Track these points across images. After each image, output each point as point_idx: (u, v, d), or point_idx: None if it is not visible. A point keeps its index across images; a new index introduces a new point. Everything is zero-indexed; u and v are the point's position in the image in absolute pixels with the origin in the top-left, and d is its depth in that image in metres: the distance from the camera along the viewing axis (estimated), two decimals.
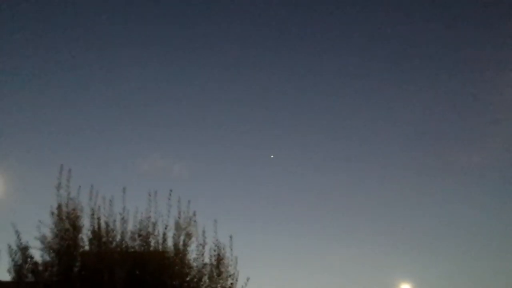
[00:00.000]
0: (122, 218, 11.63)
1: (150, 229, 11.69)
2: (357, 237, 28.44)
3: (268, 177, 30.28)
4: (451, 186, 29.24)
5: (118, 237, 11.60)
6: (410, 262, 26.40)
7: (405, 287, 27.09)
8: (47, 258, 11.13)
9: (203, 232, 11.85)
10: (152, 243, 11.70)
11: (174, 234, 11.77)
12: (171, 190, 11.93)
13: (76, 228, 11.34)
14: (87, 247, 11.51)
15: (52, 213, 11.31)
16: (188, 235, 11.80)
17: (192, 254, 11.79)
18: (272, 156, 28.81)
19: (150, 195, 11.80)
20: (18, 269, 10.92)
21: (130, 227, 11.69)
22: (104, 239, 11.46)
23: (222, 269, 11.78)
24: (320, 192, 30.10)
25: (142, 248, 11.63)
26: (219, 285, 11.75)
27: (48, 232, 11.21)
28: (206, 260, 11.83)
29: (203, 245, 11.79)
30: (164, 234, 11.76)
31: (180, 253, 11.67)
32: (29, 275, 10.97)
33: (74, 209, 11.45)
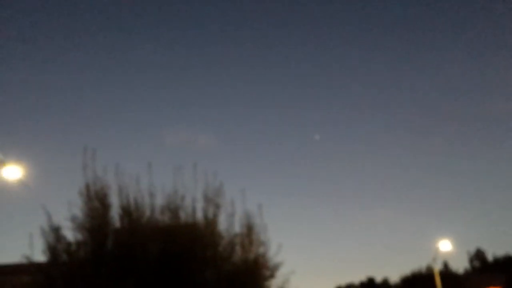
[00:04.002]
0: (150, 193, 11.59)
1: (178, 202, 11.65)
2: (395, 197, 28.13)
3: (295, 146, 29.97)
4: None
5: (148, 213, 11.58)
6: (450, 219, 26.01)
7: (445, 242, 26.73)
8: (80, 237, 11.22)
9: (232, 202, 11.80)
10: (182, 216, 11.67)
11: (203, 205, 11.72)
12: (196, 163, 11.84)
13: (105, 206, 11.37)
14: (118, 225, 11.55)
15: (81, 193, 11.35)
16: (217, 206, 11.74)
17: (222, 224, 11.76)
18: (317, 137, 28.44)
19: (176, 169, 11.73)
20: (52, 249, 11.05)
21: (158, 201, 11.66)
22: (134, 215, 11.46)
23: (253, 238, 11.72)
24: (356, 157, 29.72)
25: (173, 221, 11.61)
26: (251, 253, 11.71)
27: (78, 211, 11.28)
28: (237, 229, 11.79)
29: (232, 215, 11.76)
30: (193, 206, 11.72)
31: (210, 224, 11.62)
32: (63, 255, 11.10)
33: (102, 188, 11.45)
